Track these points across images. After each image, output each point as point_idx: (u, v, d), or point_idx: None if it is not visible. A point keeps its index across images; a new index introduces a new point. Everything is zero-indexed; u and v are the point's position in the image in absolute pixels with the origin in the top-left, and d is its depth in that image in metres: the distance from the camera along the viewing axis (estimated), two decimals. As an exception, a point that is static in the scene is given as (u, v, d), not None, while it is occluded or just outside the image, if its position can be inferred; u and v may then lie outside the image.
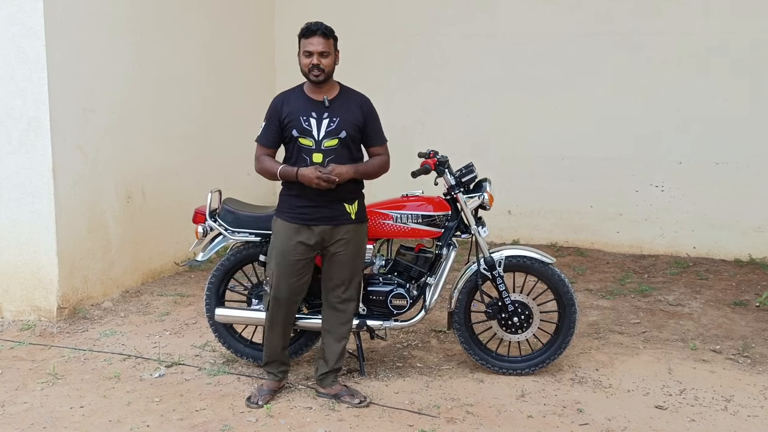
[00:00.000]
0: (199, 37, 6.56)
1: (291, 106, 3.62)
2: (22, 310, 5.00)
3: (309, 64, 3.55)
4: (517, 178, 7.19)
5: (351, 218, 3.68)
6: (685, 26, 6.62)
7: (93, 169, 5.27)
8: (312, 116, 3.59)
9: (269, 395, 3.77)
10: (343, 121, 3.60)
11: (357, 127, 3.65)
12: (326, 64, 3.55)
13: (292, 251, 3.64)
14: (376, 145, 3.76)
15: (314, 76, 3.56)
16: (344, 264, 3.72)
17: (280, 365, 3.86)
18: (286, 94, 3.71)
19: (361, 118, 3.66)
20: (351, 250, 3.70)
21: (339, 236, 3.66)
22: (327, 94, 3.63)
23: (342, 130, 3.59)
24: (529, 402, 3.78)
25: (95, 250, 5.32)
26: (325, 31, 3.55)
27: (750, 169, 6.54)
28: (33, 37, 4.77)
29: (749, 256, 6.54)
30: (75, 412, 3.66)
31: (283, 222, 3.69)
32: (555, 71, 7.04)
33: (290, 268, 3.66)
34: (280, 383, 3.86)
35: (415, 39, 7.47)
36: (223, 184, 4.76)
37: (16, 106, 4.86)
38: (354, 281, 3.80)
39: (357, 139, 3.69)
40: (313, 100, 3.62)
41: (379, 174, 3.76)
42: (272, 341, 3.81)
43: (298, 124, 3.59)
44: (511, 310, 4.04)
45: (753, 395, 3.88)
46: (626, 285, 5.95)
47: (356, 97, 3.72)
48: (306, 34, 3.56)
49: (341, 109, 3.62)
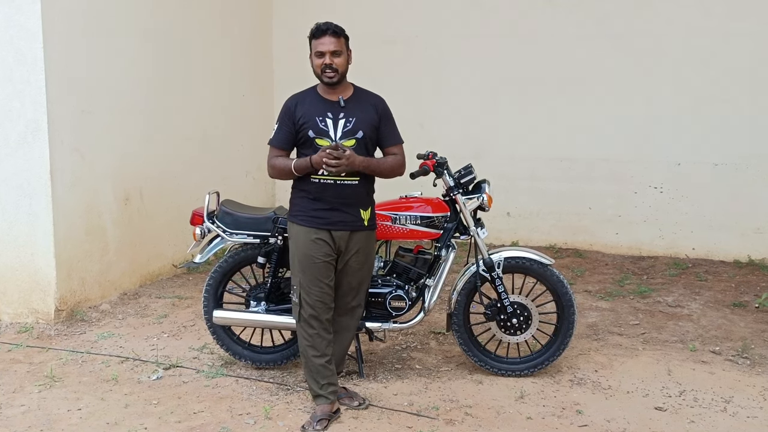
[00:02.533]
0: (198, 39, 6.55)
1: (305, 107, 3.55)
2: (19, 312, 4.99)
3: (321, 65, 3.48)
4: (516, 180, 7.19)
5: (364, 224, 3.61)
6: (684, 27, 6.62)
7: (91, 171, 5.26)
8: (328, 116, 3.53)
9: (327, 420, 3.49)
10: (360, 120, 3.55)
11: (373, 127, 3.59)
12: (339, 64, 3.49)
13: (317, 251, 3.51)
14: (392, 145, 3.67)
15: (327, 77, 3.50)
16: (356, 272, 3.66)
17: (330, 385, 3.59)
18: (299, 96, 3.63)
19: (377, 118, 3.61)
20: (362, 257, 3.65)
21: (353, 243, 3.58)
22: (341, 94, 3.57)
23: (359, 130, 3.54)
24: (528, 403, 3.77)
25: (93, 252, 5.30)
26: (336, 29, 3.49)
27: (749, 170, 6.54)
28: (31, 39, 4.77)
29: (748, 257, 6.54)
30: (72, 415, 3.64)
31: (299, 227, 3.57)
32: (553, 73, 7.04)
33: (319, 270, 3.52)
34: (333, 406, 3.58)
35: (414, 40, 7.47)
36: (221, 185, 4.75)
37: (14, 108, 4.85)
38: (363, 288, 3.77)
39: (374, 139, 3.62)
40: (327, 101, 3.56)
41: (392, 174, 3.66)
42: (314, 362, 3.57)
43: (314, 125, 3.52)
44: (510, 312, 4.03)
45: (752, 396, 3.87)
46: (625, 286, 5.94)
47: (371, 97, 3.67)
48: (316, 34, 3.50)
49: (357, 109, 3.57)
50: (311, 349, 3.58)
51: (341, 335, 3.79)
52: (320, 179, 3.51)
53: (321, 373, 3.58)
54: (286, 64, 7.81)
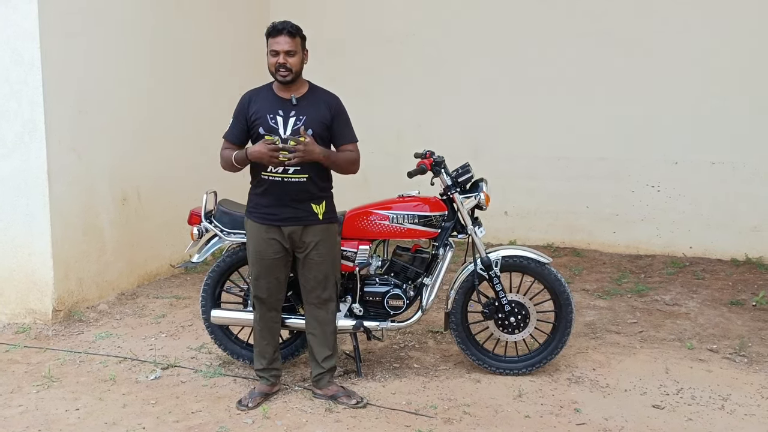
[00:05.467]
0: (194, 39, 6.55)
1: (258, 104, 3.62)
2: (17, 313, 4.99)
3: (275, 63, 3.53)
4: (514, 179, 7.20)
5: (318, 219, 3.64)
6: (681, 26, 6.63)
7: (88, 171, 5.26)
8: (279, 114, 3.58)
9: (261, 398, 3.75)
10: (310, 119, 3.58)
11: (324, 125, 3.61)
12: (293, 63, 3.52)
13: (266, 249, 3.64)
14: (346, 143, 3.69)
15: (281, 76, 3.54)
16: (318, 265, 3.70)
17: (271, 369, 3.83)
18: (254, 92, 3.70)
19: (329, 116, 3.63)
20: (323, 250, 3.68)
21: (309, 238, 3.64)
22: (295, 92, 3.61)
23: (308, 129, 3.56)
24: (527, 402, 3.77)
25: (90, 252, 5.30)
26: (291, 30, 3.52)
27: (746, 168, 6.54)
28: (28, 39, 4.76)
29: (745, 255, 6.55)
30: (70, 415, 3.64)
31: (253, 222, 3.69)
32: (551, 72, 7.05)
33: (267, 267, 3.66)
34: (272, 388, 3.84)
35: (411, 40, 7.47)
36: (218, 185, 4.74)
37: (11, 108, 4.84)
38: (330, 281, 3.77)
39: (325, 137, 3.64)
40: (280, 98, 3.61)
41: (348, 169, 3.69)
42: (260, 343, 3.81)
43: (265, 122, 3.57)
44: (507, 310, 4.03)
45: (750, 394, 3.87)
46: (623, 285, 5.95)
47: (324, 95, 3.69)
48: (272, 33, 3.54)
49: (308, 108, 3.60)
50: (258, 332, 3.81)
51: (321, 328, 3.80)
52: (268, 176, 3.57)
53: (264, 356, 3.80)
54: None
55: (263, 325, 3.79)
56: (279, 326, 3.88)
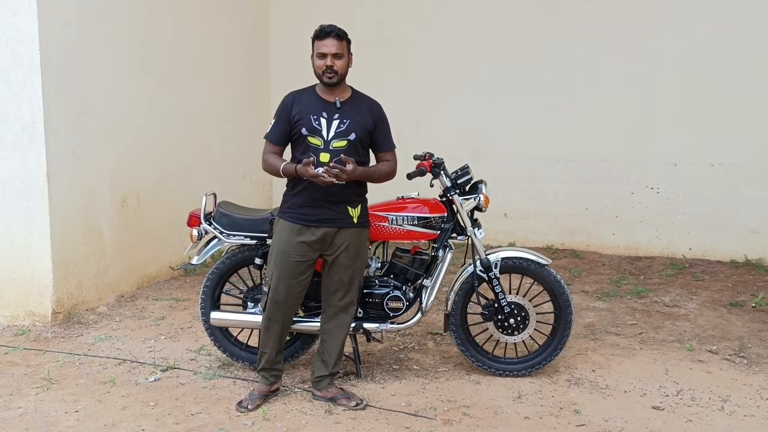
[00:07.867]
0: (194, 41, 6.55)
1: (302, 105, 3.62)
2: (16, 315, 4.98)
3: (323, 66, 3.55)
4: (513, 181, 7.21)
5: (353, 222, 3.66)
6: (680, 27, 6.64)
7: (87, 173, 5.26)
8: (323, 116, 3.59)
9: (260, 399, 3.75)
10: (354, 123, 3.60)
11: (367, 131, 3.65)
12: (340, 66, 3.56)
13: (294, 252, 3.62)
14: (385, 151, 3.75)
15: (328, 78, 3.56)
16: (346, 268, 3.70)
17: (273, 370, 3.83)
18: (298, 93, 3.70)
19: (372, 122, 3.67)
20: (352, 254, 3.69)
21: (340, 240, 3.65)
22: (339, 96, 3.64)
23: (351, 132, 3.58)
24: (526, 403, 3.77)
25: (90, 254, 5.30)
26: (339, 33, 3.56)
27: (745, 170, 6.55)
28: (27, 42, 4.77)
29: (745, 257, 6.55)
30: (70, 417, 3.64)
31: (285, 222, 3.66)
32: (550, 73, 7.06)
33: (291, 269, 3.63)
34: (271, 387, 3.84)
35: (411, 42, 7.48)
36: (218, 187, 4.75)
37: (11, 111, 4.85)
38: (354, 285, 3.78)
39: (366, 142, 3.67)
40: (324, 101, 3.63)
41: (383, 179, 3.73)
42: (267, 344, 3.78)
43: (308, 123, 3.58)
44: (507, 312, 4.03)
45: (749, 395, 3.87)
46: (622, 286, 5.95)
47: (368, 101, 3.73)
48: (320, 35, 3.57)
49: (352, 112, 3.63)
50: (265, 332, 3.77)
51: (335, 333, 3.80)
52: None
53: (267, 358, 3.78)
54: (282, 67, 7.82)
55: (273, 327, 3.75)
56: (288, 329, 3.87)
